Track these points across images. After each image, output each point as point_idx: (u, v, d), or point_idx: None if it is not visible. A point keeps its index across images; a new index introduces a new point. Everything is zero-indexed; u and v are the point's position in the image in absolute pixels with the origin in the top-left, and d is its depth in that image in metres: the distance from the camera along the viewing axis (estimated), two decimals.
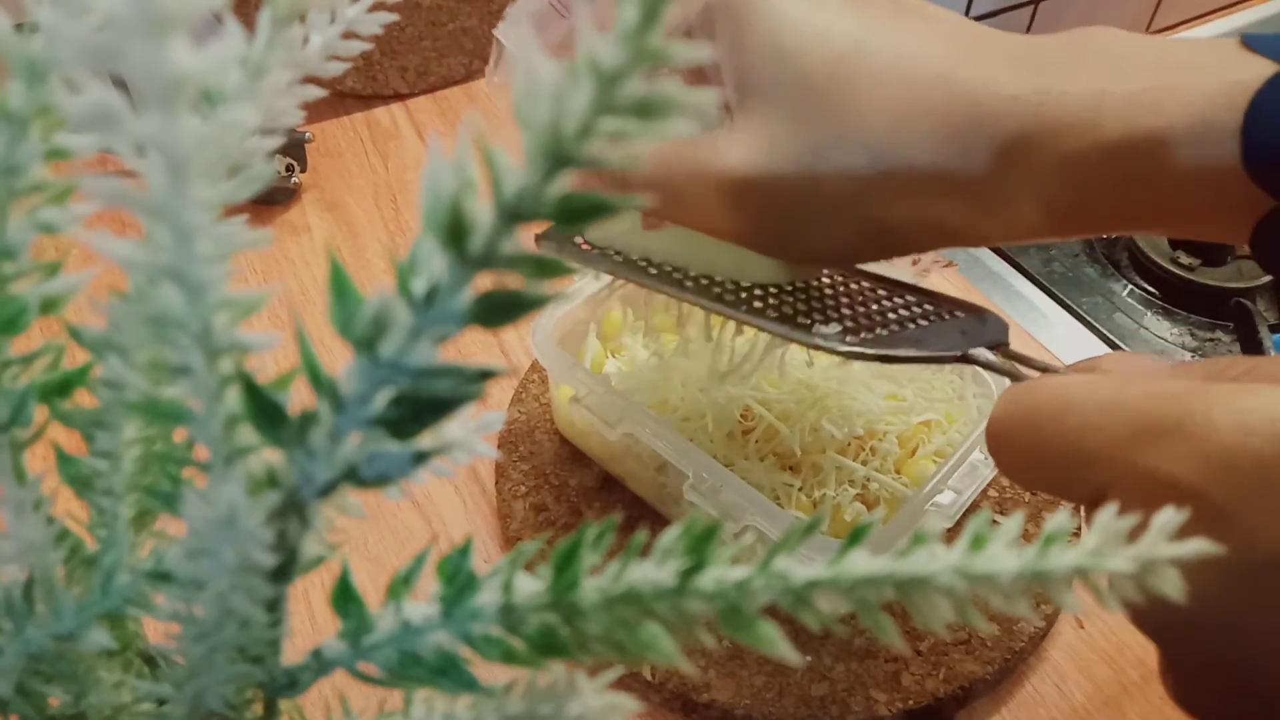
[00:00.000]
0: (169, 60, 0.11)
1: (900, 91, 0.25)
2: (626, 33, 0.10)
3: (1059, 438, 0.21)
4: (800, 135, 0.25)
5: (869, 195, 0.25)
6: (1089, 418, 0.21)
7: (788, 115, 0.25)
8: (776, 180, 0.26)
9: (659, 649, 0.14)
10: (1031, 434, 0.22)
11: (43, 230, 0.16)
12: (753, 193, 0.26)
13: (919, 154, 0.25)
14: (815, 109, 0.25)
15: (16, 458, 0.16)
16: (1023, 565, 0.13)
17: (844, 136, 0.25)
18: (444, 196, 0.11)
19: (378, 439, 0.13)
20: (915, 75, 0.25)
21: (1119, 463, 0.20)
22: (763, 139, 0.26)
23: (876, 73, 0.25)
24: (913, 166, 0.25)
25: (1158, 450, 0.19)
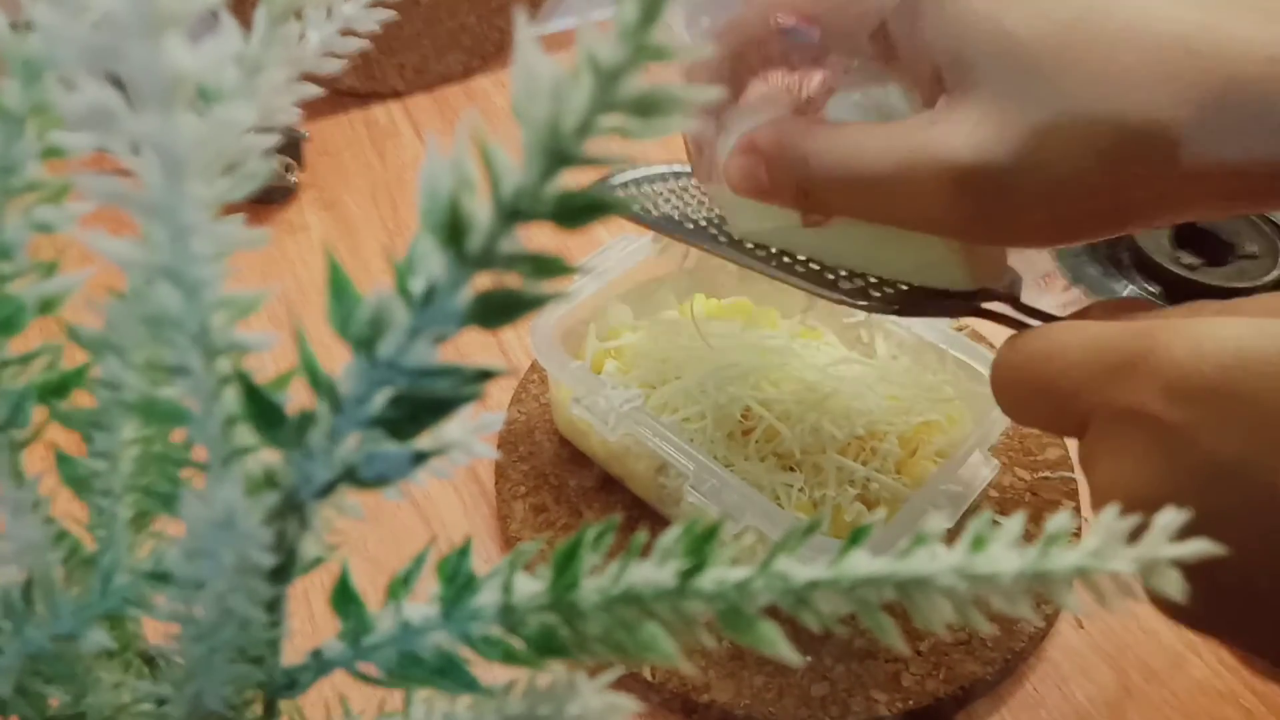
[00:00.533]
0: (165, 58, 0.11)
1: (1140, 56, 0.23)
2: (625, 30, 0.10)
3: (1047, 377, 0.23)
4: (1034, 111, 0.24)
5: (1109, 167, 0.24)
6: (1071, 357, 0.23)
7: (1017, 91, 0.24)
8: (1009, 161, 0.24)
9: (659, 649, 0.14)
10: (1024, 375, 0.24)
11: (39, 229, 0.16)
12: (982, 177, 0.24)
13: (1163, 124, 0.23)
14: (1048, 81, 0.24)
15: (15, 458, 0.16)
16: (1023, 566, 0.13)
17: (1082, 107, 0.23)
18: (442, 195, 0.11)
19: (376, 439, 0.13)
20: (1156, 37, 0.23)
21: (1096, 396, 0.22)
22: (992, 119, 0.24)
23: (1111, 37, 0.23)
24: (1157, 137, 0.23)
25: (1127, 382, 0.21)
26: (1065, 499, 0.42)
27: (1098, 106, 0.23)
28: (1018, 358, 0.24)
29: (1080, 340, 0.23)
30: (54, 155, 0.16)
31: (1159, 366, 0.21)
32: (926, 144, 0.25)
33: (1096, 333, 0.22)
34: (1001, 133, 0.24)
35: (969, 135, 0.24)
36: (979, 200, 0.25)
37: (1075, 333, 0.23)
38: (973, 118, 0.24)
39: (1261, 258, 0.56)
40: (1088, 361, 0.22)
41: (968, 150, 0.24)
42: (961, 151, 0.24)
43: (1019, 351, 0.24)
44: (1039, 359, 0.24)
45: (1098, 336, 0.22)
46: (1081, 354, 0.23)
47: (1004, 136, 0.24)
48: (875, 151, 0.26)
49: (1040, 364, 0.24)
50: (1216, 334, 0.20)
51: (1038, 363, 0.24)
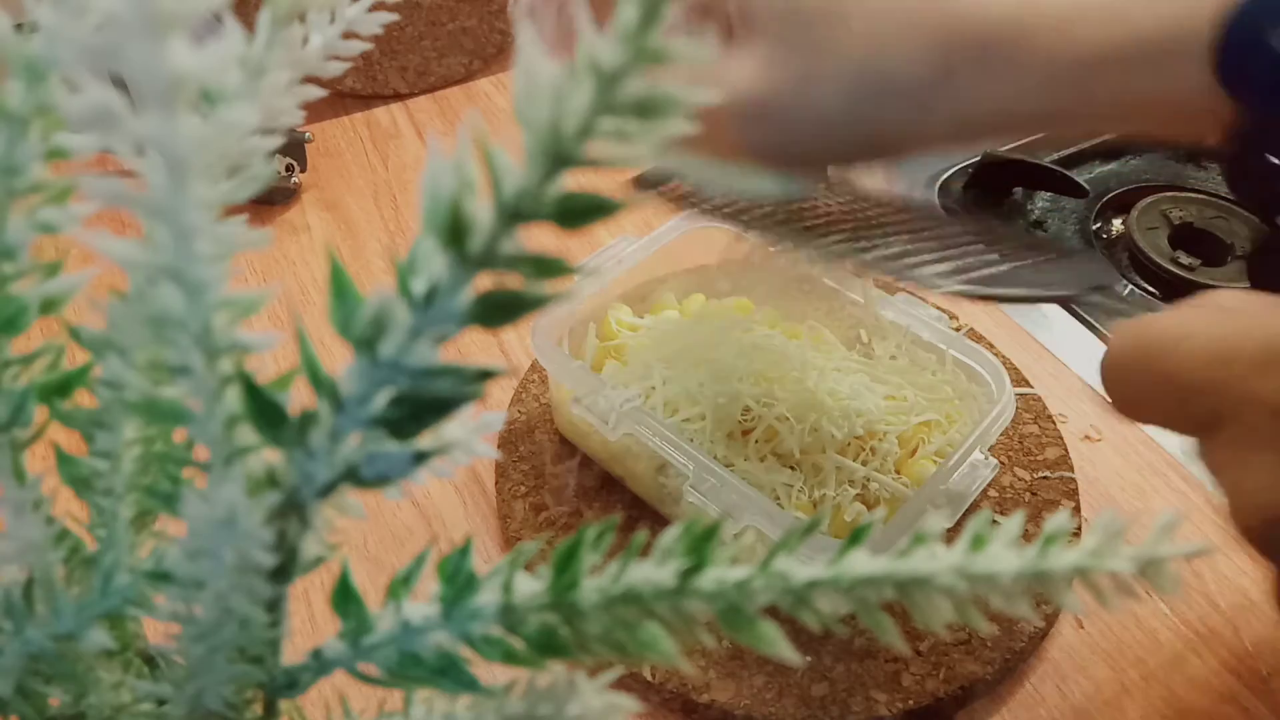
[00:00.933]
0: (168, 60, 0.11)
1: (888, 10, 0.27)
2: (626, 32, 0.10)
3: (1177, 367, 0.22)
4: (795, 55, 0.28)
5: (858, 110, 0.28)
6: (1208, 348, 0.22)
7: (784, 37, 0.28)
8: (773, 98, 0.28)
9: (659, 649, 0.14)
10: (1148, 365, 0.23)
11: (42, 230, 0.16)
12: (751, 110, 0.28)
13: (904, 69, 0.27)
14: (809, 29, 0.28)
15: (16, 458, 0.16)
16: (1023, 565, 0.13)
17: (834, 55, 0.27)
18: (444, 196, 0.11)
19: (377, 439, 0.13)
20: None
21: (1237, 392, 0.21)
22: (761, 61, 0.28)
23: None
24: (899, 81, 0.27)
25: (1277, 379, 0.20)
26: (1064, 499, 0.42)
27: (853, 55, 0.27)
28: (1138, 345, 0.23)
29: (1218, 332, 0.21)
30: (57, 156, 0.16)
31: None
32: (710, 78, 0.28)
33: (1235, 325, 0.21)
34: (769, 72, 0.28)
35: (743, 73, 0.28)
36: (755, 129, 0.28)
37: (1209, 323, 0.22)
38: (749, 59, 0.28)
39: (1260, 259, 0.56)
40: (1228, 354, 0.21)
41: (741, 85, 0.28)
42: (736, 85, 0.28)
43: (1138, 338, 0.23)
44: (1164, 348, 0.22)
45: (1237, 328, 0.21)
46: (1220, 345, 0.21)
47: (771, 75, 0.28)
48: None
49: (1167, 354, 0.22)
50: None
51: (1163, 351, 0.22)
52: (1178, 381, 0.22)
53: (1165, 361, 0.22)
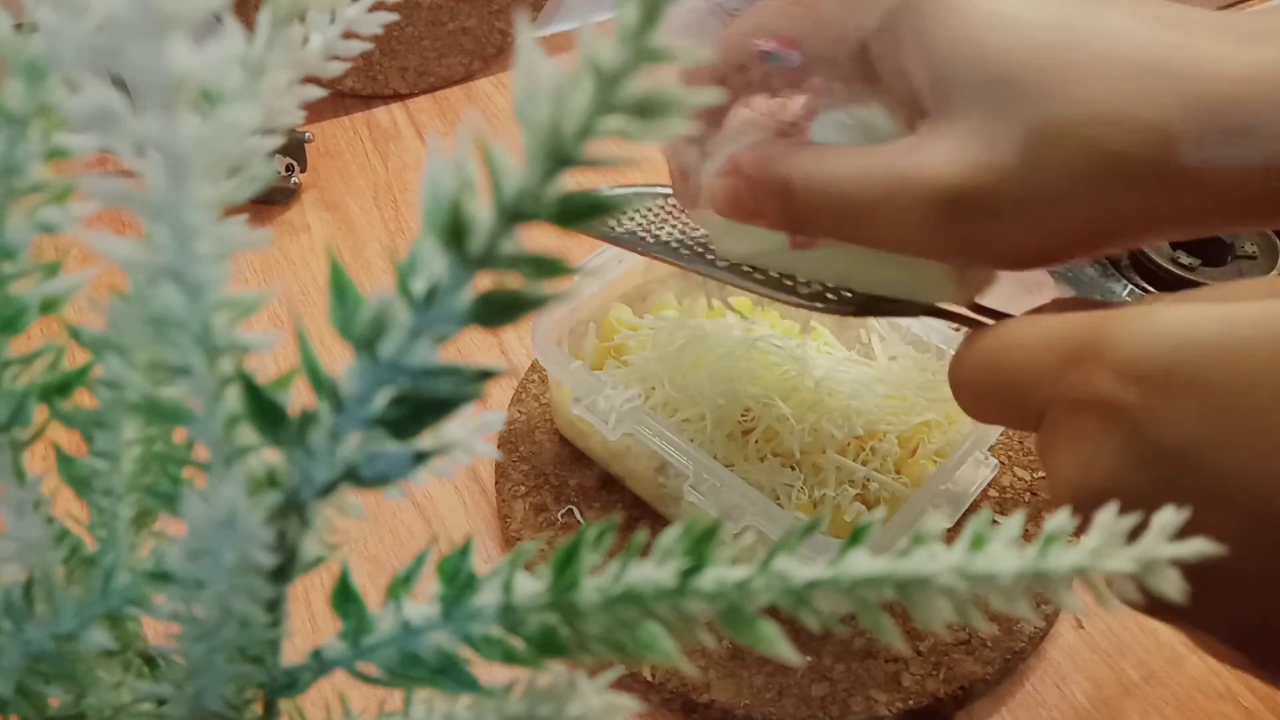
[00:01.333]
0: (169, 60, 0.11)
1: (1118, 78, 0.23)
2: (626, 33, 0.10)
3: (1003, 371, 0.24)
4: (1016, 133, 0.24)
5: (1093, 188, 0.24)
6: (1026, 349, 0.23)
7: (999, 114, 0.24)
8: (990, 185, 0.24)
9: (659, 649, 0.14)
10: (982, 371, 0.24)
11: (42, 230, 0.16)
12: (962, 201, 0.24)
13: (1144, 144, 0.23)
14: (1029, 104, 0.24)
15: (16, 458, 0.16)
16: (1023, 565, 0.13)
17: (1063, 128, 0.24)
18: (444, 196, 0.11)
19: (378, 439, 0.13)
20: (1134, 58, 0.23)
21: (1051, 386, 0.22)
22: (974, 142, 0.24)
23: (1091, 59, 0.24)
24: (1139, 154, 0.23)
25: (1080, 369, 0.21)
26: None
27: (1078, 128, 0.23)
28: (974, 355, 0.25)
29: (1034, 333, 0.23)
30: (58, 156, 0.16)
31: (1111, 351, 0.21)
32: (909, 168, 0.25)
33: (1049, 324, 0.23)
34: (984, 156, 0.24)
35: (952, 159, 0.24)
36: (963, 224, 0.25)
37: (1029, 326, 0.23)
38: (955, 141, 0.24)
39: (1259, 258, 0.56)
40: (1041, 353, 0.23)
41: (951, 174, 0.24)
42: (945, 175, 0.24)
43: (975, 349, 0.25)
44: (994, 354, 0.24)
45: (1050, 328, 0.23)
46: (1035, 345, 0.23)
47: (987, 160, 0.24)
48: (858, 175, 0.26)
49: (996, 359, 0.24)
50: (1168, 318, 0.20)
51: (993, 358, 0.24)
52: (1008, 384, 0.24)
53: (995, 367, 0.24)
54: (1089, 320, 0.22)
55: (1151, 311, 0.21)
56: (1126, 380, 0.20)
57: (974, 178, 0.24)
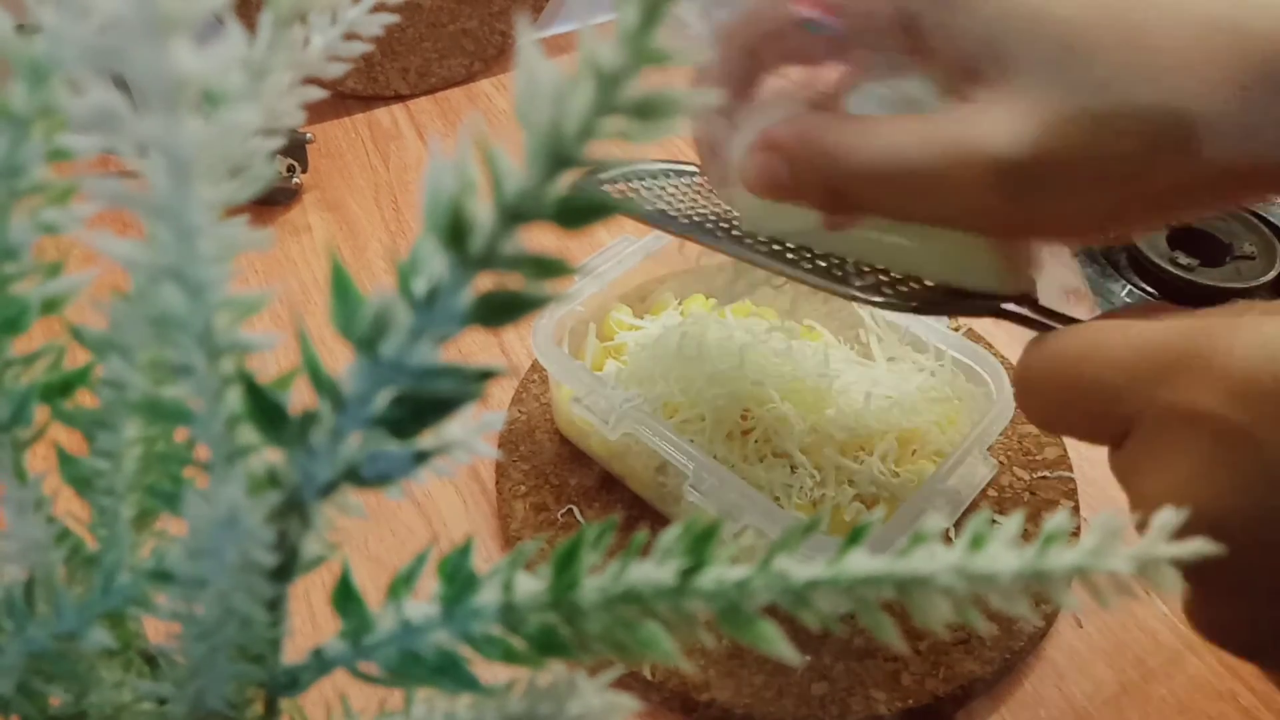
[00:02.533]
0: (171, 61, 0.11)
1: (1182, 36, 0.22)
2: (626, 34, 0.10)
3: (1085, 378, 0.22)
4: (1077, 97, 0.23)
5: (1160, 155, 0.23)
6: (1114, 356, 0.21)
7: (1058, 79, 0.23)
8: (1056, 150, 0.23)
9: (659, 649, 0.14)
10: (1058, 377, 0.22)
11: (44, 230, 0.16)
12: (1025, 168, 0.23)
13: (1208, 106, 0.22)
14: (1090, 67, 0.23)
15: (17, 457, 0.16)
16: (1022, 565, 0.13)
17: (1126, 92, 0.22)
18: (445, 197, 0.11)
19: (378, 439, 0.13)
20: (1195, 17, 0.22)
21: (1143, 397, 0.21)
22: (1034, 109, 0.23)
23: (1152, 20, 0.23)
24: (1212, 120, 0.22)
25: (1181, 381, 0.20)
26: (1064, 498, 0.42)
27: (1141, 91, 0.22)
28: (1047, 359, 0.23)
29: (1123, 339, 0.21)
30: (60, 157, 0.16)
31: (1221, 366, 0.19)
32: (966, 135, 0.24)
33: (1141, 329, 0.21)
34: (1044, 122, 0.23)
35: (1011, 125, 0.23)
36: (1021, 192, 0.24)
37: (1116, 332, 0.22)
38: (1014, 107, 0.23)
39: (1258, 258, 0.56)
40: (1133, 361, 0.21)
41: (1010, 140, 0.23)
42: (1004, 142, 0.23)
43: (1049, 352, 0.23)
44: (1073, 359, 0.22)
45: (1143, 333, 0.21)
46: (1126, 353, 0.21)
47: (1047, 125, 0.23)
48: (911, 145, 0.24)
49: (1075, 364, 0.22)
50: None
51: (1072, 363, 0.22)
52: (1085, 392, 0.22)
53: (1073, 374, 0.22)
54: (1189, 328, 0.20)
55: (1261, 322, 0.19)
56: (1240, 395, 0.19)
57: (1036, 144, 0.23)
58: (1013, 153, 0.23)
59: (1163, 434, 0.21)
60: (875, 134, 0.25)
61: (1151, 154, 0.23)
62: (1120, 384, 0.21)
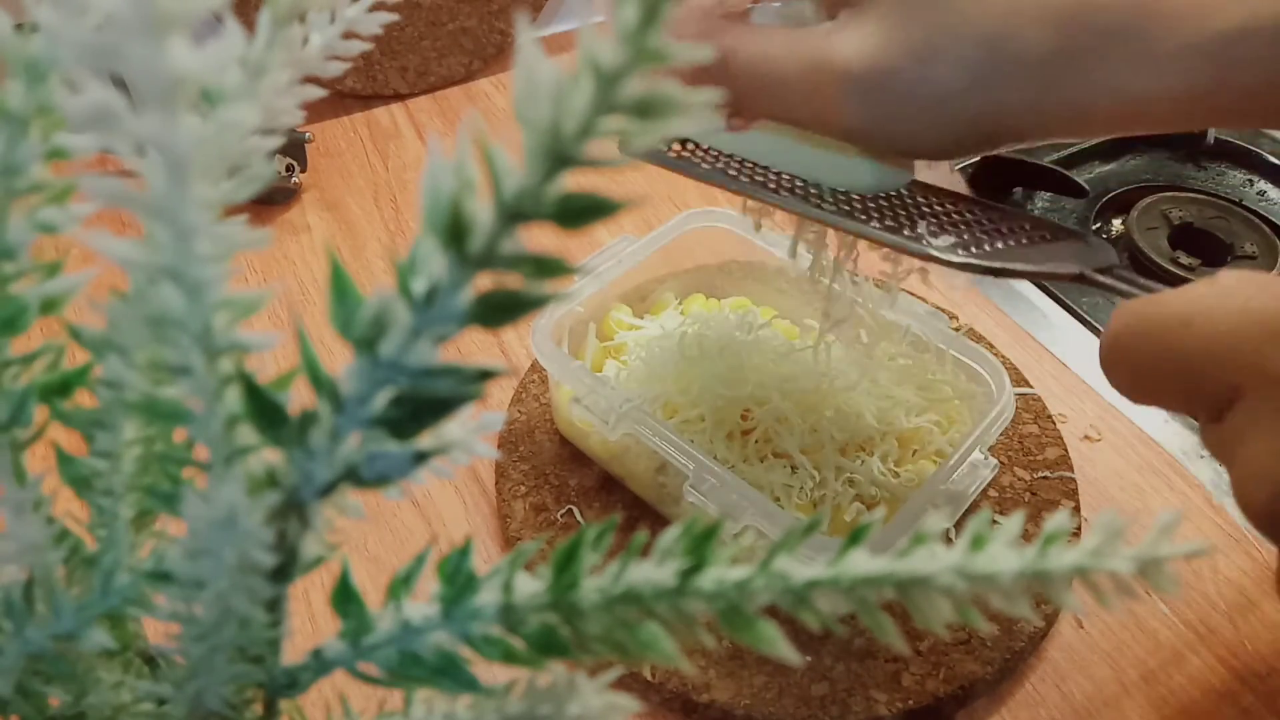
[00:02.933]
0: (169, 60, 0.11)
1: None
2: (626, 33, 0.10)
3: (1187, 344, 0.21)
4: (914, 28, 0.26)
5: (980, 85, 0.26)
6: (1220, 323, 0.21)
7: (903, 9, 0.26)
8: (891, 70, 0.26)
9: (659, 649, 0.14)
10: (1155, 343, 0.22)
11: (42, 230, 0.16)
12: (866, 84, 0.26)
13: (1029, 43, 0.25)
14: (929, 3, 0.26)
15: (16, 458, 0.16)
16: (1023, 565, 0.13)
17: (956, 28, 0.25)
18: (444, 196, 0.11)
19: (378, 439, 0.13)
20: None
21: (1252, 365, 0.20)
22: (879, 33, 0.26)
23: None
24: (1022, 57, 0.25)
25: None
26: (1064, 499, 0.42)
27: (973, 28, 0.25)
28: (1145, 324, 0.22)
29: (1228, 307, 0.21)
30: (58, 156, 0.16)
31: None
32: (823, 49, 0.27)
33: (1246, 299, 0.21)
34: (888, 45, 0.26)
35: (860, 44, 0.26)
36: (865, 104, 0.27)
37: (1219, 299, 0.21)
38: (866, 30, 0.27)
39: (1259, 258, 0.56)
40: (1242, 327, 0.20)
41: (857, 57, 0.26)
42: (852, 58, 0.26)
43: (1146, 317, 0.22)
44: (1173, 325, 0.21)
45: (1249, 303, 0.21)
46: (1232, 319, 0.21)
47: (890, 48, 0.26)
48: (781, 52, 0.28)
49: (1176, 330, 0.21)
50: None
51: (1172, 328, 0.22)
52: (1187, 359, 0.21)
53: (1173, 339, 0.21)
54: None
55: None
56: None
57: (877, 60, 0.26)
58: (855, 65, 0.26)
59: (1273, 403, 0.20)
60: (756, 39, 0.28)
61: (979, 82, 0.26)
62: (1225, 352, 0.21)
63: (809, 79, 0.27)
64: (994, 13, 0.25)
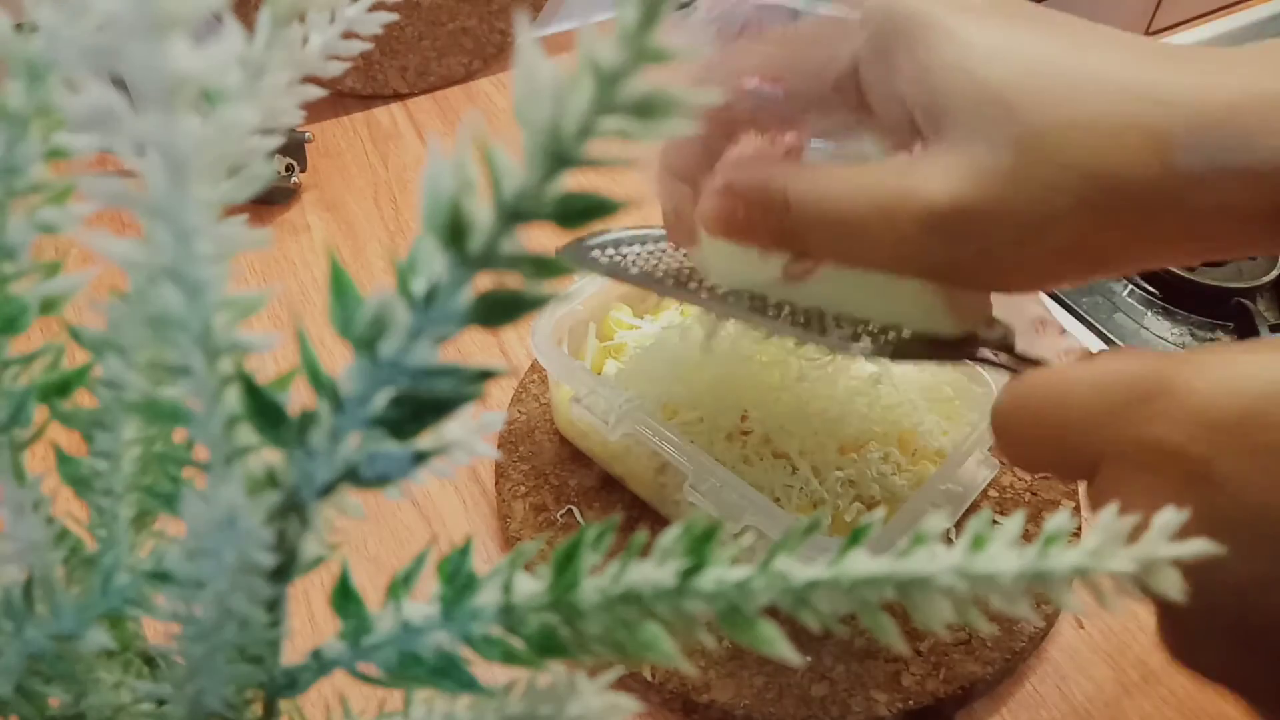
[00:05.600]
0: (169, 60, 0.11)
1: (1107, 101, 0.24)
2: (626, 33, 0.10)
3: (1054, 418, 0.23)
4: (1006, 155, 0.24)
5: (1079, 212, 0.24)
6: (1080, 396, 0.22)
7: (989, 136, 0.25)
8: (985, 203, 0.25)
9: (659, 649, 0.14)
10: (1029, 418, 0.23)
11: (42, 230, 0.16)
12: (956, 219, 0.25)
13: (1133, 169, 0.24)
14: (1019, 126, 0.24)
15: (16, 458, 0.16)
16: (1023, 565, 0.13)
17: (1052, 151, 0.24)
18: (444, 196, 0.11)
19: (378, 439, 0.13)
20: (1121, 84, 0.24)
21: (1109, 433, 0.21)
22: (965, 163, 0.25)
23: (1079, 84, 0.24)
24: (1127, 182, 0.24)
25: (1143, 417, 0.21)
26: (1064, 499, 0.42)
27: (1067, 151, 0.24)
28: (1021, 399, 0.24)
29: (1091, 377, 0.22)
30: (58, 156, 0.16)
31: (1181, 398, 0.20)
32: (903, 185, 0.25)
33: (1106, 368, 0.22)
34: (975, 176, 0.24)
35: (944, 177, 0.25)
36: (953, 243, 0.25)
37: (1084, 370, 0.22)
38: (948, 161, 0.25)
39: (1259, 259, 0.56)
40: (1100, 398, 0.22)
41: (943, 192, 0.25)
42: (937, 192, 0.25)
43: (1022, 393, 0.24)
44: (1045, 400, 0.23)
45: (1108, 372, 0.22)
46: (1092, 391, 0.22)
47: (977, 180, 0.24)
48: (854, 190, 0.26)
49: (1044, 405, 0.23)
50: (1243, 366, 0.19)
51: (1044, 403, 0.23)
52: (1055, 432, 0.23)
53: (1047, 413, 0.23)
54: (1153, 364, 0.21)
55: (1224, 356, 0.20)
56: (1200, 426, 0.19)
57: (966, 194, 0.24)
58: (943, 201, 0.25)
59: (1128, 470, 0.21)
60: (821, 178, 0.27)
61: (1073, 211, 0.24)
62: (1088, 420, 0.22)
63: (889, 218, 0.25)
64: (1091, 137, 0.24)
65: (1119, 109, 0.24)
